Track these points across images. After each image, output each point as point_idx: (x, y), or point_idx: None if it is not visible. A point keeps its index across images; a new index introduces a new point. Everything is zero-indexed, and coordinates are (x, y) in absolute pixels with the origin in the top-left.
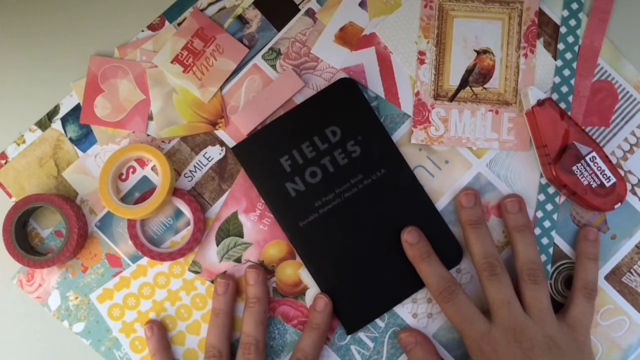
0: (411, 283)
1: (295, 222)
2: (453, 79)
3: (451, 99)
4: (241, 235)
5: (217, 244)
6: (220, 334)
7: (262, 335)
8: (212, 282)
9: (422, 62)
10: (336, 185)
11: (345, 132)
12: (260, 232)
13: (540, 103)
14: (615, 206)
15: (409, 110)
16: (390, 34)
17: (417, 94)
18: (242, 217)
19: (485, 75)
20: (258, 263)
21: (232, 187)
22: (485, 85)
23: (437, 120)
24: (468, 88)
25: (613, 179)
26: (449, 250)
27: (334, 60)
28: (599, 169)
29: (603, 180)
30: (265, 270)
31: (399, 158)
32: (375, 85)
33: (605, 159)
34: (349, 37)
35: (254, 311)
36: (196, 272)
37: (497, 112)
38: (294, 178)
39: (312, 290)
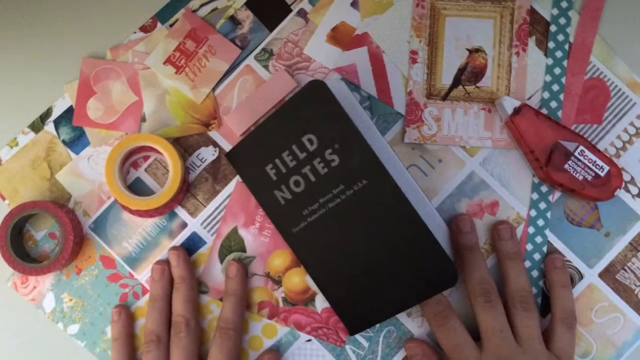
0: (411, 295)
1: (288, 228)
2: (445, 78)
3: (444, 98)
4: (244, 250)
5: (221, 262)
6: (158, 319)
7: (192, 314)
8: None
9: (414, 61)
10: (319, 195)
11: (321, 140)
12: (262, 244)
13: (517, 111)
14: (616, 193)
15: (401, 110)
16: (383, 34)
17: (410, 93)
18: (242, 232)
19: (477, 74)
20: (264, 275)
21: (229, 203)
22: (478, 84)
23: (430, 120)
24: (461, 87)
25: (606, 167)
26: (441, 271)
27: (326, 60)
28: (590, 161)
29: (597, 171)
30: (273, 281)
31: (380, 168)
32: (367, 84)
33: (594, 150)
34: (341, 37)
35: (180, 291)
36: (203, 292)
37: (489, 111)
38: (280, 186)
39: (321, 295)
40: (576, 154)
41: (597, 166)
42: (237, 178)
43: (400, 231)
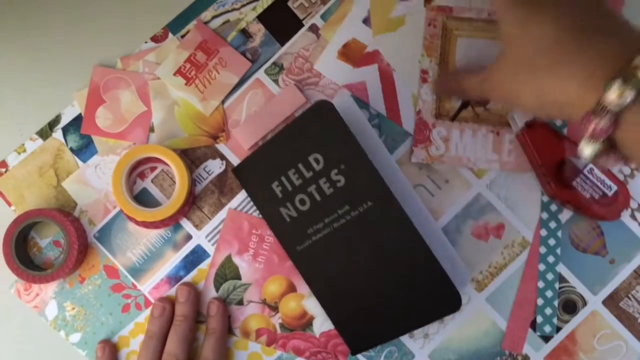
0: (416, 317)
1: (293, 246)
2: (455, 98)
3: (453, 119)
4: (239, 278)
5: (217, 290)
6: (151, 357)
7: (184, 354)
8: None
9: (424, 80)
10: (325, 214)
11: (327, 160)
12: (257, 271)
13: (529, 124)
14: (622, 213)
15: (410, 129)
16: (394, 52)
17: (419, 112)
18: (236, 260)
19: None
20: (261, 302)
21: (221, 232)
22: (487, 106)
23: (438, 140)
24: (470, 108)
25: (614, 187)
26: (445, 296)
27: (337, 76)
28: (599, 179)
29: (604, 190)
30: (269, 307)
31: (385, 191)
32: (377, 102)
33: (603, 169)
34: (352, 54)
35: (179, 329)
36: (200, 322)
37: (498, 134)
38: (286, 204)
39: (319, 319)
40: (585, 171)
41: (605, 185)
42: (240, 195)
43: (403, 255)
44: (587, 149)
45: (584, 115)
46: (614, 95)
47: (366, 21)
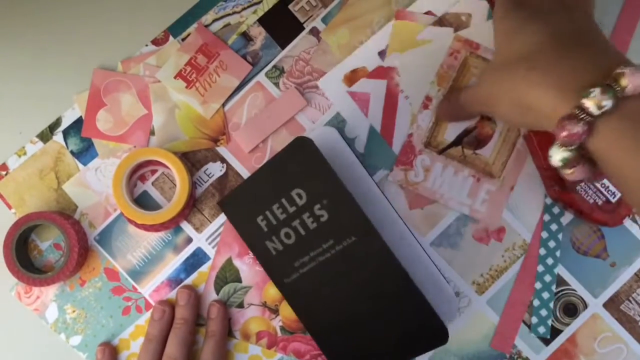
0: (404, 350)
1: (281, 279)
2: (449, 134)
3: (440, 152)
4: (239, 280)
5: (217, 293)
6: None
7: (184, 357)
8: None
9: (426, 106)
10: (310, 248)
11: (310, 196)
12: (257, 274)
13: None
14: (624, 220)
15: (397, 151)
16: (408, 66)
17: (410, 136)
18: (237, 262)
19: (480, 142)
20: (261, 304)
21: (222, 235)
22: (477, 150)
23: (419, 167)
24: (460, 147)
25: (618, 194)
26: (431, 330)
27: (333, 96)
28: (603, 185)
29: (608, 196)
30: (270, 310)
31: (368, 227)
32: (374, 117)
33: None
34: (357, 81)
35: (179, 332)
36: (200, 325)
37: (478, 180)
38: (271, 237)
39: None
40: None
41: (609, 192)
42: None
43: (388, 290)
44: (556, 155)
45: (559, 120)
46: (591, 102)
47: (382, 53)
